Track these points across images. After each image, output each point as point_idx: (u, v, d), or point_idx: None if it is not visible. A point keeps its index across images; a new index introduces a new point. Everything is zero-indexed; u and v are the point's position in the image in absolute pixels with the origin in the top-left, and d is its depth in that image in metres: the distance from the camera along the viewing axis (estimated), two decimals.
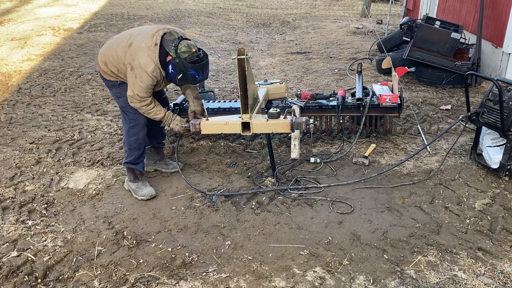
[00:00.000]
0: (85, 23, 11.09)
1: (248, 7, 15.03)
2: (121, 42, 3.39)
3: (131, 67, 3.27)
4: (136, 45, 3.28)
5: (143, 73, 3.23)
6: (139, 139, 3.58)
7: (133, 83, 3.29)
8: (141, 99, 3.33)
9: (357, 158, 4.08)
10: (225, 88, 6.37)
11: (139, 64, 3.22)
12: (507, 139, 3.62)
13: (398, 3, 14.38)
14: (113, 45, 3.43)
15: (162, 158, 4.00)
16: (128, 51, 3.29)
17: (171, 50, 3.22)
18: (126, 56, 3.28)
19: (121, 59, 3.32)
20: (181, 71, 3.23)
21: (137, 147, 3.59)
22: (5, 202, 3.48)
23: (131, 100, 3.37)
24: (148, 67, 3.22)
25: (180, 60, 3.19)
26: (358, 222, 3.20)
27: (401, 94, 4.35)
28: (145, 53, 3.23)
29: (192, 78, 3.30)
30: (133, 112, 3.49)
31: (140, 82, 3.26)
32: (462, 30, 6.20)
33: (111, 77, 3.49)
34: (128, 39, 3.35)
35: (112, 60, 3.40)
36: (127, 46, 3.31)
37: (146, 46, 3.24)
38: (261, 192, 3.59)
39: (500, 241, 2.97)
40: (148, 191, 3.55)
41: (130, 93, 3.34)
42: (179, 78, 3.28)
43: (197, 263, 2.81)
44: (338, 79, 6.71)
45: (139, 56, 3.24)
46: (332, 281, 2.64)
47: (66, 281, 2.67)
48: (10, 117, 5.26)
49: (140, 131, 3.57)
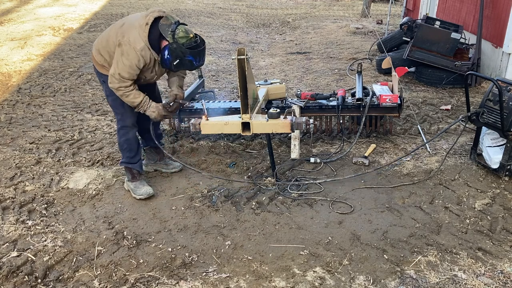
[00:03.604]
0: (85, 23, 11.09)
1: (248, 7, 15.03)
2: (114, 25, 3.32)
3: (119, 43, 3.15)
4: (129, 23, 3.21)
5: (131, 50, 3.11)
6: (128, 139, 3.53)
7: (117, 60, 3.16)
8: (121, 78, 3.17)
9: (357, 158, 4.08)
10: (225, 88, 6.37)
11: (128, 40, 3.12)
12: (507, 139, 3.61)
13: (398, 3, 14.38)
14: (106, 31, 3.37)
15: (162, 158, 3.98)
16: (119, 30, 3.21)
17: (167, 35, 3.12)
18: (118, 35, 3.19)
19: (112, 42, 3.22)
20: (178, 57, 3.14)
21: (128, 147, 3.54)
22: (5, 202, 3.48)
23: (111, 80, 3.21)
24: (137, 45, 3.11)
25: (177, 45, 3.10)
26: (358, 222, 3.20)
27: (401, 94, 4.35)
28: (136, 31, 3.13)
29: (190, 64, 3.21)
30: (121, 113, 3.44)
31: (126, 60, 3.13)
32: (462, 30, 6.21)
33: (104, 69, 3.38)
34: (122, 22, 3.30)
35: (105, 45, 3.29)
36: (119, 27, 3.24)
37: (138, 25, 3.15)
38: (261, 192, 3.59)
39: (500, 241, 2.97)
40: (145, 190, 3.53)
41: (112, 71, 3.19)
42: (175, 64, 3.18)
43: (197, 263, 2.81)
44: (338, 79, 6.71)
45: (129, 34, 3.14)
46: (332, 281, 2.64)
47: (66, 281, 2.67)
48: (10, 117, 5.26)
49: (129, 132, 3.51)
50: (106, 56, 3.31)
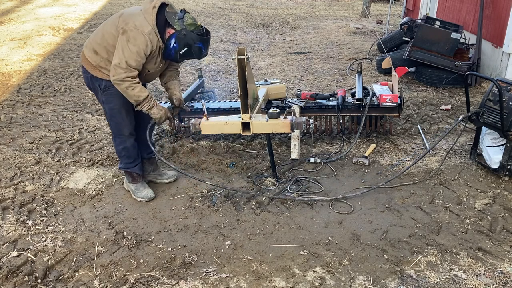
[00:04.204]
0: (85, 23, 11.08)
1: (248, 7, 15.02)
2: (110, 20, 3.16)
3: (123, 31, 2.96)
4: (129, 12, 3.07)
5: (139, 34, 2.94)
6: (127, 148, 3.44)
7: (123, 48, 2.95)
8: (128, 67, 2.96)
9: (357, 158, 4.08)
10: (225, 88, 6.37)
11: (134, 25, 2.95)
12: (507, 139, 3.61)
13: (398, 3, 14.37)
14: (100, 28, 3.20)
15: (155, 169, 3.81)
16: (119, 20, 3.04)
17: (175, 23, 3.02)
18: (118, 24, 3.01)
19: (111, 34, 3.05)
20: (186, 45, 3.04)
21: (127, 155, 3.46)
22: (5, 202, 3.48)
23: (115, 72, 2.98)
24: (145, 28, 2.95)
25: (187, 33, 3.01)
26: (358, 222, 3.20)
27: (401, 94, 4.35)
28: (141, 16, 3.00)
29: (199, 52, 3.12)
30: (118, 122, 3.32)
31: (133, 46, 2.94)
32: (462, 30, 6.20)
33: (100, 72, 3.16)
34: (119, 13, 3.14)
35: (100, 41, 3.10)
36: (117, 18, 3.08)
37: (143, 10, 3.03)
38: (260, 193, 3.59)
39: (500, 241, 2.97)
40: (147, 192, 3.51)
41: (116, 61, 2.96)
42: (181, 53, 3.08)
43: (197, 263, 2.81)
44: (338, 79, 6.71)
45: (134, 19, 2.98)
46: (332, 281, 2.64)
47: (66, 281, 2.67)
48: (10, 117, 5.26)
49: (126, 141, 3.41)
50: (103, 53, 3.10)
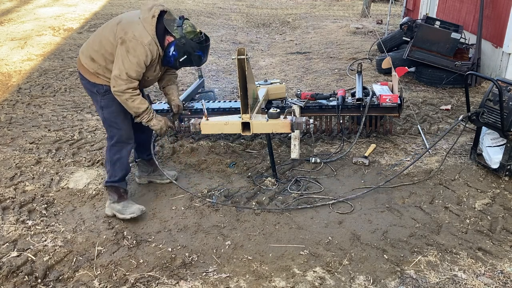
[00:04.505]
0: (85, 23, 11.08)
1: (248, 7, 15.02)
2: (107, 25, 3.07)
3: (122, 41, 2.89)
4: (128, 20, 2.99)
5: (138, 45, 2.88)
6: (121, 158, 3.23)
7: (123, 59, 2.89)
8: (128, 79, 2.91)
9: (357, 158, 4.07)
10: (225, 88, 6.37)
11: (134, 35, 2.89)
12: (507, 139, 3.61)
13: (398, 3, 14.37)
14: (96, 33, 3.12)
15: (155, 169, 3.72)
16: (117, 28, 2.96)
17: (173, 31, 2.98)
18: (117, 33, 2.93)
19: (109, 42, 2.97)
20: (186, 53, 3.00)
21: (120, 166, 3.24)
22: (5, 202, 3.48)
23: (116, 83, 2.92)
24: (144, 39, 2.89)
25: (186, 41, 2.98)
26: (358, 222, 3.19)
27: (401, 94, 4.35)
28: (140, 25, 2.92)
29: (198, 60, 3.09)
30: (117, 128, 3.18)
31: (133, 57, 2.89)
32: (462, 30, 6.20)
33: (97, 78, 3.08)
34: (117, 20, 3.05)
35: (98, 48, 3.02)
36: (115, 25, 2.99)
37: (141, 19, 2.95)
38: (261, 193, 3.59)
39: (500, 241, 2.97)
40: (137, 207, 3.24)
41: (116, 72, 2.90)
42: (181, 61, 3.04)
43: (197, 263, 2.81)
44: (338, 79, 6.71)
45: (133, 29, 2.91)
46: (332, 281, 2.64)
47: (66, 281, 2.67)
48: (10, 117, 5.26)
49: (123, 149, 3.23)
50: (101, 61, 3.03)
